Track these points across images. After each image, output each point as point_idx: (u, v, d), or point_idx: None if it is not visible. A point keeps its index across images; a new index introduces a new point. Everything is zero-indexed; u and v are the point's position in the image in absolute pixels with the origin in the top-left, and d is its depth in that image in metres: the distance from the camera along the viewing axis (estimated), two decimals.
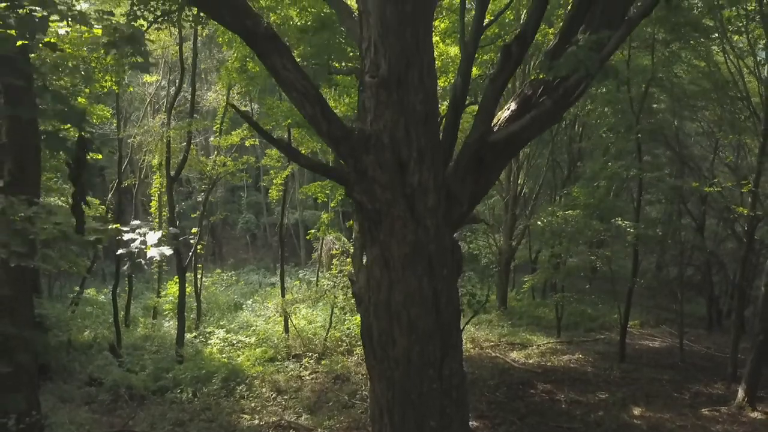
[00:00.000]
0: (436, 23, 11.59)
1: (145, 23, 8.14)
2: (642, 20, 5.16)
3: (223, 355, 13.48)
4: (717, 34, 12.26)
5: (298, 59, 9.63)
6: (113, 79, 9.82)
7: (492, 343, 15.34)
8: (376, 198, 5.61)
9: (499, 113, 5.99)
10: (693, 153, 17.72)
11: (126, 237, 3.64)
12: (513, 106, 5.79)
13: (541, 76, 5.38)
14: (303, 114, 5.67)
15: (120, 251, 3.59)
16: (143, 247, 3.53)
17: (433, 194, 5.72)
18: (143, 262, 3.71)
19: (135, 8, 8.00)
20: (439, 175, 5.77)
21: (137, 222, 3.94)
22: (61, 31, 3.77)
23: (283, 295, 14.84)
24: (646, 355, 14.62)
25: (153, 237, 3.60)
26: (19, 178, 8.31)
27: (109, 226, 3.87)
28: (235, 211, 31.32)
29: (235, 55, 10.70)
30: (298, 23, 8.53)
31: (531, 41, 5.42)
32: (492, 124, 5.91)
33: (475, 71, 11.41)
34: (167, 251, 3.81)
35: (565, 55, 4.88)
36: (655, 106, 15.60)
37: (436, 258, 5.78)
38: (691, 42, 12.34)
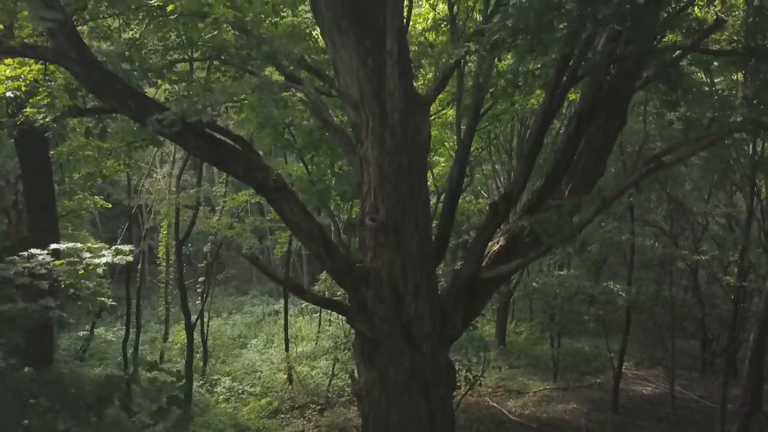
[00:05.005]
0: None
1: None
2: (619, 196, 5.62)
3: (229, 405, 13.98)
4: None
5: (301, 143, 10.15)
6: (126, 162, 10.29)
7: (490, 389, 15.77)
8: (375, 328, 6.09)
9: (490, 244, 6.44)
10: (686, 190, 18.16)
11: None
12: (502, 241, 6.25)
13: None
14: (308, 250, 6.15)
15: None
16: None
17: (429, 322, 6.19)
18: None
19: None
20: (434, 303, 6.24)
21: None
22: None
23: (287, 349, 15.33)
24: (639, 403, 15.03)
25: None
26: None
27: None
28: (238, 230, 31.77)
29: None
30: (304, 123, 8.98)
31: (517, 200, 5.89)
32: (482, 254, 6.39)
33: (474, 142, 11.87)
34: None
35: (549, 215, 5.32)
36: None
37: (432, 380, 6.25)
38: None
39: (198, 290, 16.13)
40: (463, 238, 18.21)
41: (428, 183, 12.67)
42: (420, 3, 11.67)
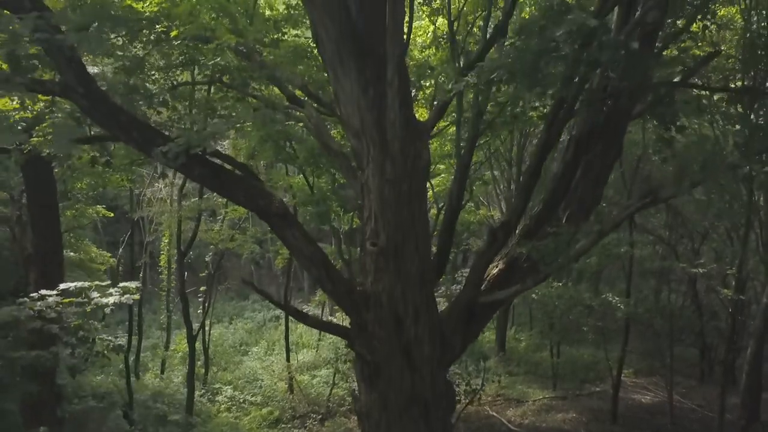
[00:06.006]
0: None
1: None
2: (615, 227, 5.71)
3: (231, 415, 14.09)
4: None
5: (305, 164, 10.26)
6: (129, 177, 10.38)
7: (489, 398, 15.85)
8: (376, 352, 6.18)
9: (489, 267, 6.53)
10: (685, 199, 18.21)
11: None
12: (501, 265, 6.34)
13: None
14: (310, 275, 6.25)
15: None
16: None
17: (429, 345, 6.28)
18: None
19: None
20: (434, 327, 6.32)
21: None
22: None
23: (288, 358, 15.44)
24: (638, 413, 15.10)
25: None
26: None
27: None
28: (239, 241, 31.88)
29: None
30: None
31: (515, 228, 5.99)
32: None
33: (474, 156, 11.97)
34: None
35: (547, 242, 5.42)
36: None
37: (431, 402, 6.34)
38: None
39: (200, 299, 16.24)
40: (462, 247, 18.34)
41: (428, 194, 12.81)
42: (421, 16, 11.77)
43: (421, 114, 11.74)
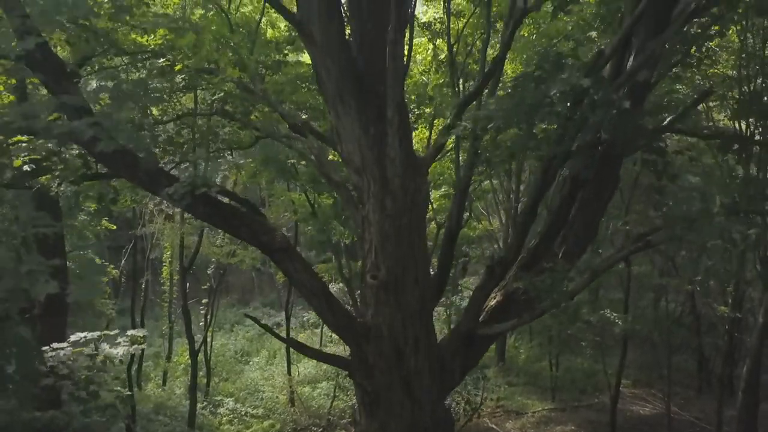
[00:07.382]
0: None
1: None
2: (608, 269, 5.83)
3: (233, 427, 14.20)
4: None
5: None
6: (133, 198, 10.49)
7: (489, 409, 15.96)
8: (376, 382, 6.31)
9: (487, 300, 6.65)
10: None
11: None
12: (499, 297, 6.46)
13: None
14: (311, 306, 6.39)
15: None
16: None
17: (428, 375, 6.41)
18: None
19: None
20: (433, 356, 6.45)
21: None
22: None
23: (289, 371, 15.56)
24: (637, 425, 15.23)
25: None
26: (50, 311, 9.05)
27: None
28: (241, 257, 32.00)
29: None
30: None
31: (512, 264, 6.12)
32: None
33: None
34: None
35: (543, 279, 5.54)
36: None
37: (431, 430, 6.47)
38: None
39: (201, 311, 16.37)
40: (462, 260, 18.43)
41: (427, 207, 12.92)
42: (421, 33, 11.88)
43: (422, 133, 11.88)
